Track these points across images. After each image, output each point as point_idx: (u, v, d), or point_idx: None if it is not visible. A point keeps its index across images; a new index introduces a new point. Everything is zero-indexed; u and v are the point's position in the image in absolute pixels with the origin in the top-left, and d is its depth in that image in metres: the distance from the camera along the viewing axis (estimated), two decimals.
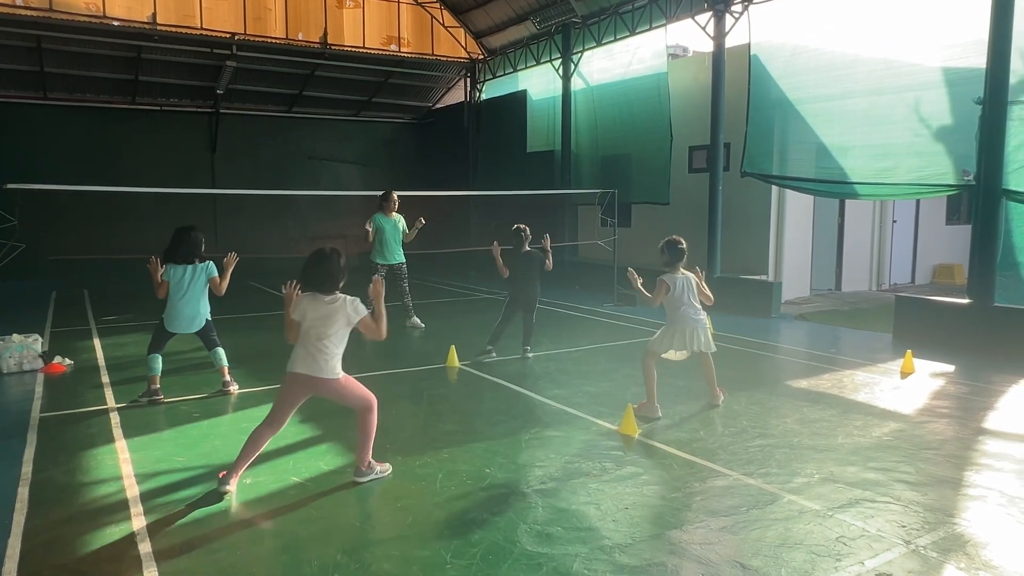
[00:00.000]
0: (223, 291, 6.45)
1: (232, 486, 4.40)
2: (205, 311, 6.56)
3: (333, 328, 4.37)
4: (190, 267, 6.40)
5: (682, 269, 6.26)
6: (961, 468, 4.86)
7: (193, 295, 6.42)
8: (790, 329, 10.61)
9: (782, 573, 3.44)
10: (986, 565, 3.52)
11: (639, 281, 6.27)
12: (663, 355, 6.24)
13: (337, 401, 4.59)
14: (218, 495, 4.35)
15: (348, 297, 4.46)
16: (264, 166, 19.71)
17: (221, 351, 6.81)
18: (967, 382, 7.28)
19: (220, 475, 4.47)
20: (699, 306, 6.21)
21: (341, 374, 4.47)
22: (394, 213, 10.10)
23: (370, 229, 9.90)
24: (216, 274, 6.48)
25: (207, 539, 3.84)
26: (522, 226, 8.37)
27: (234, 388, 6.82)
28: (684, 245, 6.29)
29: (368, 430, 4.59)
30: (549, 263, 8.31)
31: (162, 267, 6.33)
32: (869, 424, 5.83)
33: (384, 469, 4.69)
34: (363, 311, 4.45)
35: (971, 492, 4.45)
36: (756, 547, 3.70)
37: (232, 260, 6.42)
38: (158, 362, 6.56)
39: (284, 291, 4.53)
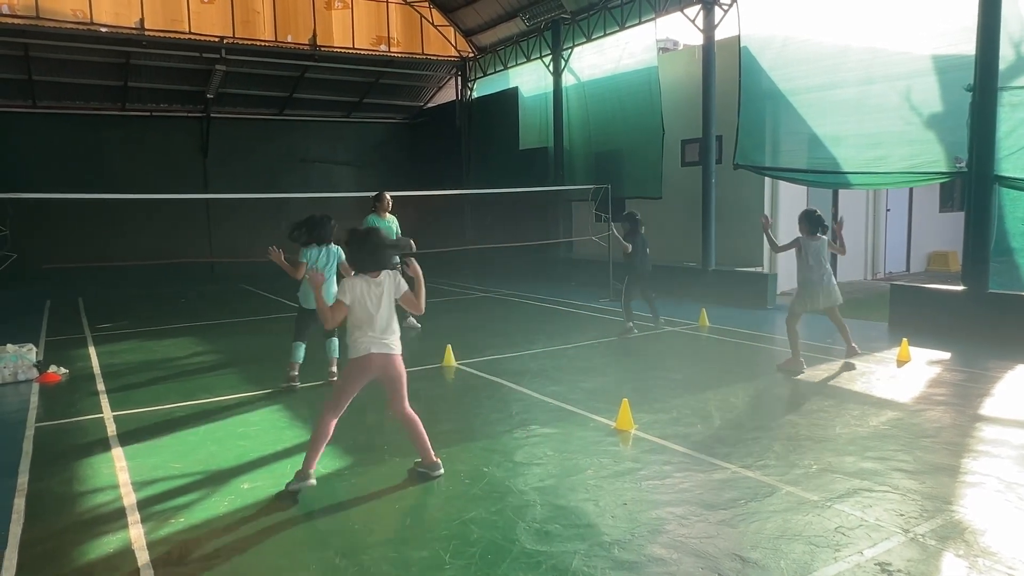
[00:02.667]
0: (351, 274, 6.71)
1: (313, 480, 4.41)
2: (334, 289, 6.76)
3: (388, 304, 4.49)
4: (325, 248, 6.86)
5: (819, 235, 7.27)
6: (958, 455, 4.87)
7: (328, 275, 6.80)
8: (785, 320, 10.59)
9: (781, 565, 3.44)
10: (985, 552, 3.53)
11: (768, 224, 7.67)
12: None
13: (394, 384, 4.60)
14: (293, 495, 4.33)
15: (389, 271, 4.54)
16: (256, 169, 19.64)
17: (335, 341, 7.18)
18: (963, 369, 7.30)
19: (298, 472, 4.41)
20: (828, 267, 7.32)
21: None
22: (387, 214, 10.08)
23: None
24: (344, 258, 6.82)
25: (205, 546, 3.82)
26: (633, 211, 9.82)
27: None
28: (820, 213, 7.37)
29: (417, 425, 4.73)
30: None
31: (279, 250, 6.56)
32: (866, 413, 5.83)
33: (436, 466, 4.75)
34: (404, 284, 4.58)
35: (969, 479, 4.46)
36: (755, 539, 3.70)
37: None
38: (301, 350, 7.00)
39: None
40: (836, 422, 5.63)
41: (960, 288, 9.00)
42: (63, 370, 7.99)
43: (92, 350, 9.44)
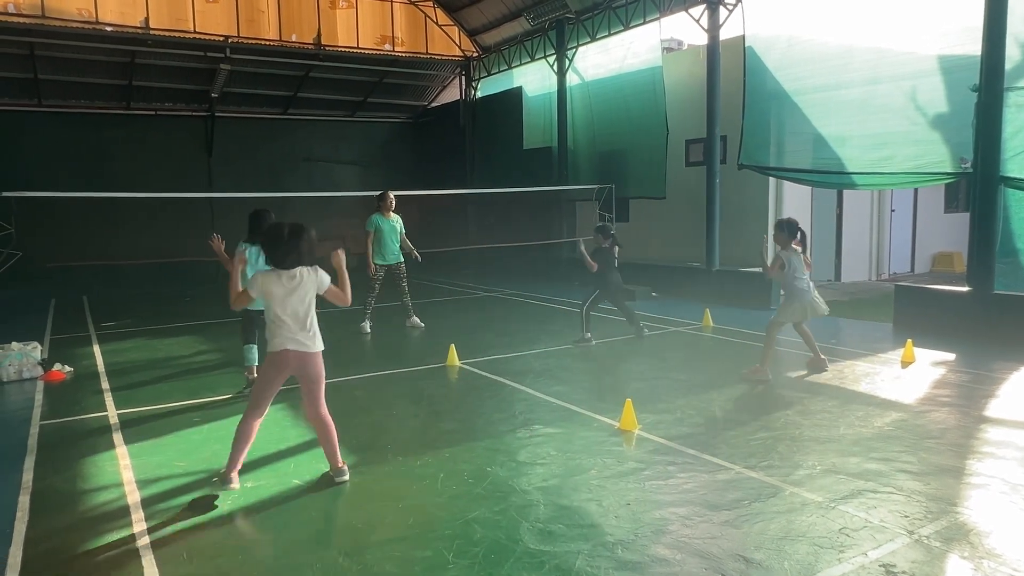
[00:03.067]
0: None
1: (235, 483, 4.41)
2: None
3: (307, 299, 4.38)
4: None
5: (793, 246, 7.07)
6: (963, 457, 4.85)
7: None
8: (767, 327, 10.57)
9: (785, 566, 3.43)
10: (990, 553, 3.51)
11: (768, 247, 7.46)
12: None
13: (310, 383, 4.48)
14: (213, 499, 4.32)
15: (307, 267, 4.41)
16: (261, 168, 19.65)
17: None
18: (968, 370, 7.27)
19: (221, 473, 4.46)
20: (807, 278, 7.10)
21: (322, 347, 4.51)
22: (391, 213, 10.09)
23: (370, 243, 9.97)
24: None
25: (208, 544, 3.83)
26: (607, 224, 9.33)
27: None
28: (797, 223, 7.17)
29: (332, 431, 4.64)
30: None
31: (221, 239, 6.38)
32: (870, 414, 5.82)
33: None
34: (327, 278, 4.46)
35: (974, 480, 4.44)
36: (759, 540, 3.69)
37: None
38: (254, 352, 6.91)
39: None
40: (840, 423, 5.61)
41: (965, 289, 8.97)
42: (67, 368, 8.02)
43: (96, 348, 9.47)
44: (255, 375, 6.72)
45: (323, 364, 4.53)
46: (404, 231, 10.26)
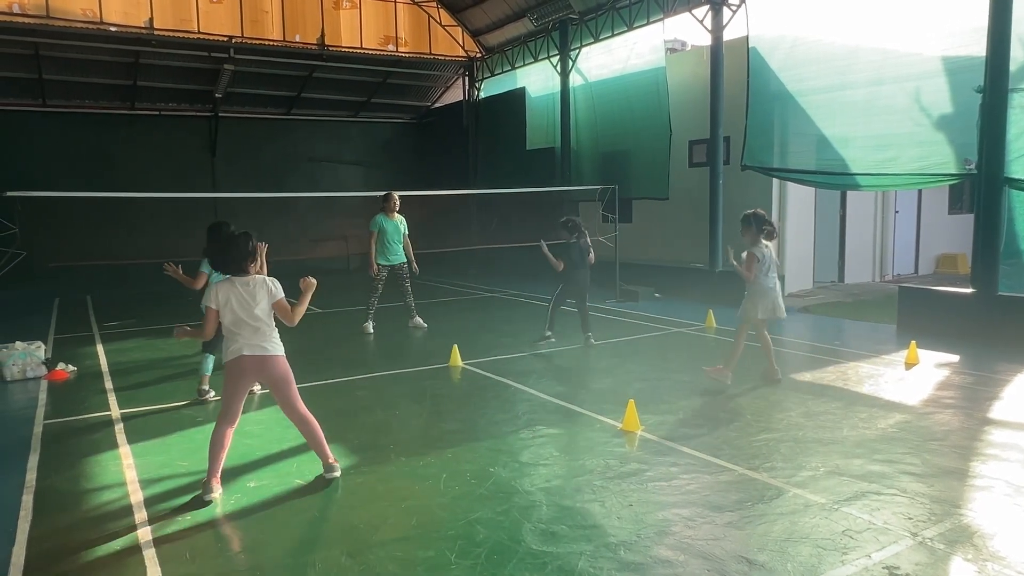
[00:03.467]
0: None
1: (216, 492, 4.37)
2: None
3: (262, 304, 4.38)
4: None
5: (763, 241, 6.72)
6: (967, 459, 4.84)
7: None
8: (793, 322, 10.57)
9: (788, 567, 3.42)
10: (994, 556, 3.50)
11: (732, 253, 6.88)
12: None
13: (278, 386, 4.49)
14: (203, 503, 4.30)
15: (261, 276, 4.49)
16: (264, 169, 19.69)
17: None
18: (972, 372, 7.25)
19: (202, 483, 4.44)
20: (775, 275, 6.80)
21: (283, 350, 4.51)
22: (396, 214, 10.10)
23: (373, 243, 9.99)
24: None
25: (211, 543, 3.84)
26: (572, 217, 8.94)
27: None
28: (769, 218, 6.78)
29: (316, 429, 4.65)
30: (592, 256, 8.96)
31: (177, 265, 6.44)
32: (874, 416, 5.80)
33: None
34: (281, 291, 4.46)
35: (977, 483, 4.43)
36: (762, 542, 3.69)
37: (262, 248, 6.50)
38: (210, 362, 6.71)
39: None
40: (844, 424, 5.60)
41: (969, 291, 8.95)
42: (71, 368, 8.04)
43: (100, 348, 9.48)
44: (207, 384, 6.65)
45: (288, 366, 4.53)
46: (408, 232, 10.25)
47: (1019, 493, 4.23)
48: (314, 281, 4.50)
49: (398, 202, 10.13)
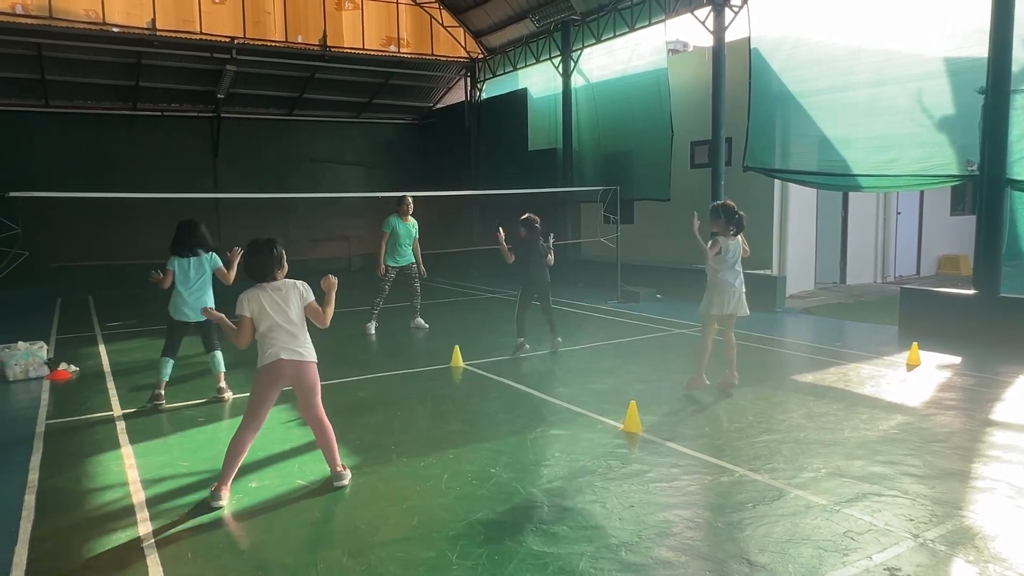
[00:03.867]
0: (231, 281, 6.41)
1: (224, 499, 4.30)
2: (210, 302, 6.55)
3: (295, 309, 4.42)
4: (195, 258, 6.51)
5: (732, 235, 6.58)
6: (969, 460, 4.83)
7: (200, 285, 6.51)
8: (795, 323, 10.58)
9: (789, 569, 3.42)
10: (995, 558, 3.50)
11: (697, 225, 6.67)
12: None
13: (306, 393, 4.49)
14: (210, 508, 4.25)
15: (291, 280, 4.50)
16: (266, 169, 19.71)
17: (219, 355, 6.81)
18: (973, 373, 7.24)
19: (212, 488, 4.36)
20: (740, 274, 6.62)
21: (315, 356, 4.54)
22: (409, 217, 10.18)
23: (384, 244, 10.03)
24: (222, 265, 6.56)
25: (213, 543, 3.84)
26: (533, 216, 8.64)
27: (228, 395, 6.76)
28: (740, 211, 6.60)
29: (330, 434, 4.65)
30: (551, 258, 8.54)
31: (160, 273, 6.42)
32: (875, 417, 5.80)
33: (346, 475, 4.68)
34: (310, 295, 4.50)
35: (979, 484, 4.43)
36: (763, 543, 3.69)
37: (236, 254, 6.39)
38: (168, 367, 6.61)
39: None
40: (845, 426, 5.60)
41: (971, 292, 8.94)
42: (73, 368, 8.04)
43: (102, 348, 9.50)
44: (163, 390, 6.58)
45: (317, 373, 4.55)
46: (418, 236, 10.33)
47: (1021, 495, 4.23)
48: (335, 279, 4.49)
49: (412, 205, 10.19)
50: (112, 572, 3.56)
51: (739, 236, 6.61)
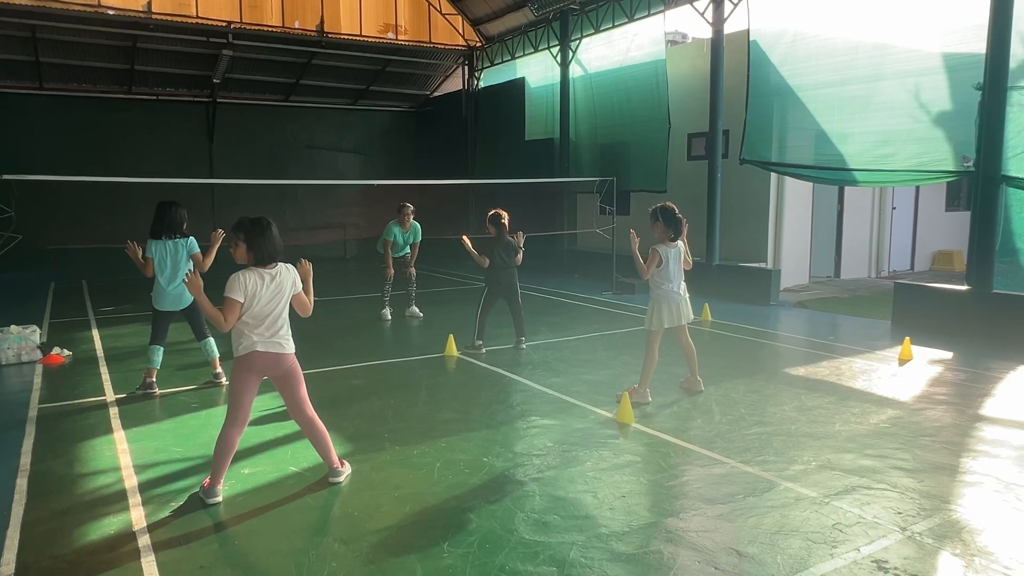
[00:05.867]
0: (206, 267, 6.23)
1: (219, 497, 4.16)
2: (187, 292, 6.33)
3: (285, 299, 4.20)
4: (171, 242, 6.32)
5: (672, 240, 6.21)
6: (958, 455, 4.87)
7: (177, 272, 6.32)
8: (788, 316, 10.61)
9: (778, 560, 3.45)
10: (982, 551, 3.53)
11: (637, 243, 6.12)
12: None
13: (287, 385, 4.28)
14: (203, 504, 4.14)
15: (284, 265, 4.23)
16: (262, 155, 19.64)
17: (212, 341, 6.79)
18: (965, 369, 7.29)
19: (204, 484, 4.24)
20: (682, 279, 6.25)
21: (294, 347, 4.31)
22: (411, 222, 10.30)
23: (388, 250, 10.15)
24: (197, 250, 6.38)
25: (205, 529, 3.85)
26: (501, 212, 8.37)
27: (224, 380, 6.77)
28: (680, 215, 6.19)
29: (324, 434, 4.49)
30: (519, 258, 8.30)
31: (142, 247, 6.30)
32: (867, 411, 5.84)
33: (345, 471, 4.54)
34: (300, 282, 4.32)
35: (968, 479, 4.46)
36: (752, 534, 3.71)
37: (218, 236, 6.28)
38: (158, 354, 6.55)
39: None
40: (836, 419, 5.63)
41: (964, 288, 8.98)
42: (66, 352, 8.03)
43: (95, 333, 9.48)
44: (154, 377, 6.51)
45: (298, 364, 4.32)
46: (419, 240, 10.40)
47: (1008, 489, 4.26)
48: (310, 265, 4.36)
49: (412, 213, 10.24)
50: (103, 556, 3.57)
51: (680, 242, 6.24)
